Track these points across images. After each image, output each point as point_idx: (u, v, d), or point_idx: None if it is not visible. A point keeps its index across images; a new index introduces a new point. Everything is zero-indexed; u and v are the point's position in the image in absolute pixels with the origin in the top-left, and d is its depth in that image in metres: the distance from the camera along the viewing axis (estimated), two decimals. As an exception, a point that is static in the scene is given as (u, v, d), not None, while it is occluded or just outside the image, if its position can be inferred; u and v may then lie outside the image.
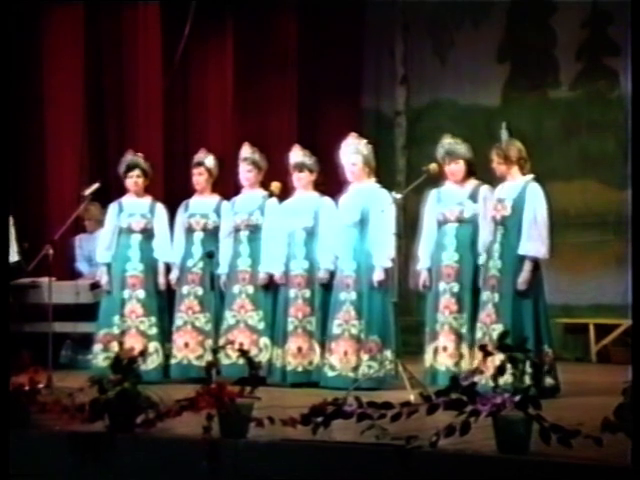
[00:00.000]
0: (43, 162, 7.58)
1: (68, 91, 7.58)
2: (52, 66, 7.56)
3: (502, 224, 5.31)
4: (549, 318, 5.37)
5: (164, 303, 6.32)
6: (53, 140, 7.59)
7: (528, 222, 5.23)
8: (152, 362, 6.06)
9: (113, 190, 6.81)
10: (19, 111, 7.42)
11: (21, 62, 7.44)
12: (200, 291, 6.23)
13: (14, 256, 6.31)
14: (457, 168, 5.68)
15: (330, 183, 6.16)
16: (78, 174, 7.49)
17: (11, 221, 6.29)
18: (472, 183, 5.75)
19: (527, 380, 3.59)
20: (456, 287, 5.61)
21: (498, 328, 5.09)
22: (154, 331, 6.20)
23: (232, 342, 5.75)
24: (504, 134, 5.40)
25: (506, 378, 4.39)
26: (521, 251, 5.23)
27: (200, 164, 6.35)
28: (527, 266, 5.21)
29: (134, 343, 5.93)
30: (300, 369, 5.90)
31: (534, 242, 5.22)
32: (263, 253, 6.08)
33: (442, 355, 5.58)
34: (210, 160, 6.36)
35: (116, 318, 6.21)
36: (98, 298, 6.54)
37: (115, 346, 6.07)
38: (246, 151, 6.26)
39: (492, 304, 5.27)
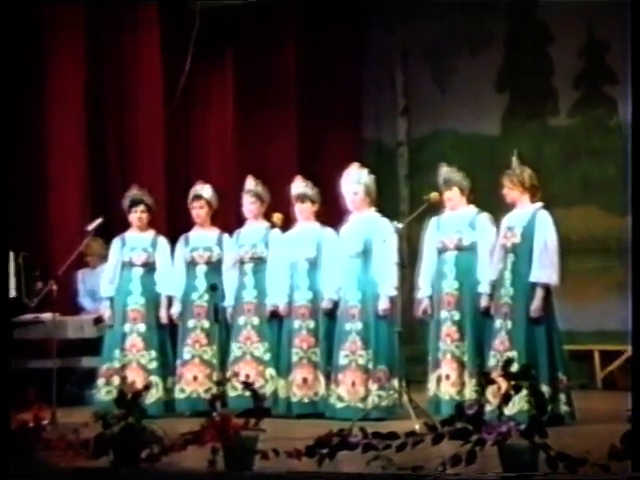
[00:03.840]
0: (46, 197, 7.61)
1: (70, 125, 7.62)
2: (54, 100, 7.60)
3: (513, 251, 5.33)
4: (562, 345, 5.37)
5: (165, 337, 6.30)
6: (56, 175, 7.62)
7: (539, 249, 5.26)
8: (151, 396, 6.02)
9: (115, 225, 6.83)
10: (21, 145, 7.46)
11: (24, 94, 7.49)
12: (206, 324, 6.22)
13: (11, 292, 6.29)
14: (451, 194, 5.73)
15: (331, 213, 6.18)
16: (81, 209, 7.51)
17: (11, 256, 6.30)
18: (471, 211, 5.78)
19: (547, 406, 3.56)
20: (457, 315, 5.62)
21: (512, 355, 5.11)
22: (154, 365, 6.19)
23: (237, 374, 5.73)
24: (515, 161, 5.43)
25: (521, 406, 4.38)
26: (533, 278, 5.24)
27: (199, 197, 6.37)
28: (539, 293, 5.22)
29: (135, 377, 5.92)
30: (306, 400, 5.88)
31: (546, 269, 5.24)
32: (269, 285, 6.09)
33: (445, 384, 5.57)
34: (208, 191, 6.38)
35: (117, 352, 6.21)
36: (102, 333, 6.54)
37: (116, 380, 6.07)
38: (250, 183, 6.29)
39: (505, 331, 5.28)
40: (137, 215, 6.34)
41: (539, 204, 5.42)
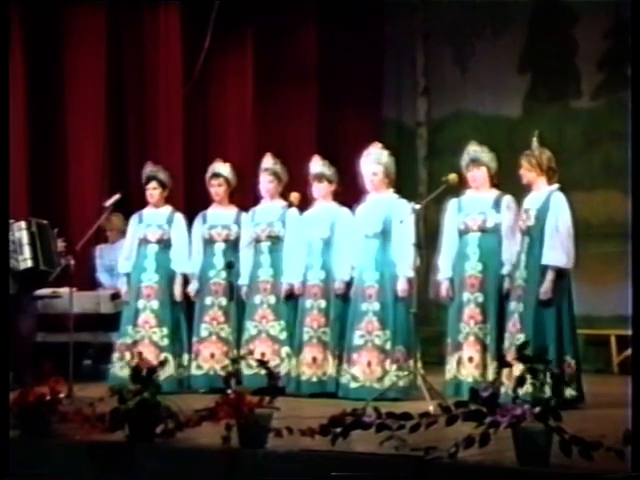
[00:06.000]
0: (65, 173, 7.65)
1: (89, 102, 7.65)
2: (74, 78, 7.63)
3: (527, 234, 5.30)
4: (575, 329, 5.33)
5: (179, 314, 6.32)
6: (75, 151, 7.65)
7: (550, 231, 5.22)
8: (162, 373, 6.03)
9: (134, 201, 6.85)
10: (42, 122, 7.49)
11: (44, 73, 7.51)
12: (224, 302, 6.23)
13: (27, 263, 6.28)
14: (479, 174, 5.67)
15: (349, 193, 6.15)
16: (100, 185, 7.54)
17: (23, 225, 6.30)
18: (494, 193, 5.74)
19: (548, 391, 3.56)
20: (480, 297, 5.58)
21: (522, 338, 5.09)
22: (166, 342, 6.22)
23: (252, 352, 5.75)
24: (535, 142, 5.38)
25: (526, 388, 4.36)
26: (544, 260, 5.21)
27: (218, 175, 6.36)
28: (549, 276, 5.18)
29: (147, 353, 5.92)
30: (314, 379, 5.89)
31: (556, 251, 5.20)
32: (285, 264, 6.08)
33: (467, 366, 5.54)
34: (227, 169, 6.38)
35: (130, 328, 6.24)
36: (119, 308, 6.58)
37: (129, 356, 6.10)
38: (268, 162, 6.27)
39: (517, 314, 5.26)
40: (149, 192, 6.36)
41: (555, 186, 5.38)
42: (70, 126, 7.62)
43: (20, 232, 6.24)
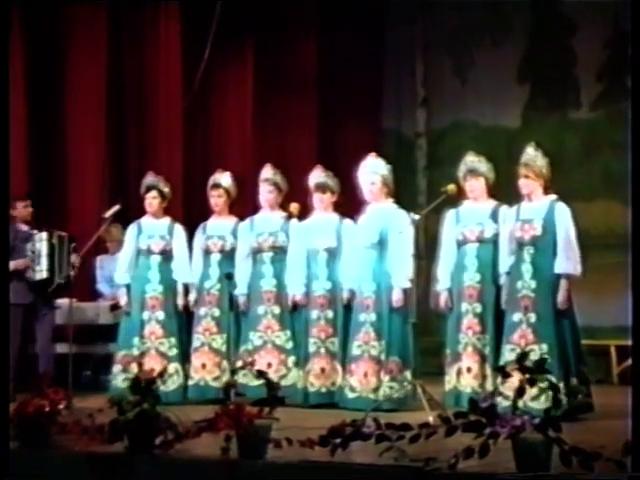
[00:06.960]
0: (65, 184, 7.66)
1: (89, 113, 7.67)
2: (75, 84, 7.66)
3: (532, 244, 5.29)
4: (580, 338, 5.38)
5: (183, 324, 6.32)
6: (75, 161, 7.67)
7: (563, 241, 5.25)
8: (173, 383, 6.06)
9: (133, 212, 6.86)
10: (42, 128, 7.50)
11: (45, 79, 7.53)
12: (217, 312, 6.23)
13: (43, 274, 6.32)
14: (477, 184, 5.67)
15: (350, 204, 6.16)
16: (99, 195, 7.55)
17: (44, 236, 6.33)
18: (491, 203, 5.75)
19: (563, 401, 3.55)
20: (479, 308, 5.58)
21: (541, 348, 5.12)
22: (174, 352, 6.22)
23: (252, 363, 5.71)
24: (536, 152, 5.38)
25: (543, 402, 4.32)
26: (558, 270, 5.22)
27: (218, 185, 6.37)
28: (564, 284, 5.22)
29: (154, 364, 5.93)
30: (323, 390, 5.89)
31: (570, 260, 5.24)
32: (289, 275, 6.08)
33: (466, 377, 5.54)
34: (227, 180, 6.38)
35: (136, 339, 6.23)
36: (118, 319, 6.57)
37: (135, 367, 6.09)
38: (268, 172, 6.27)
39: (527, 325, 5.24)
40: (148, 201, 6.36)
41: (554, 196, 5.40)
42: (70, 134, 7.65)
43: (40, 243, 6.29)
